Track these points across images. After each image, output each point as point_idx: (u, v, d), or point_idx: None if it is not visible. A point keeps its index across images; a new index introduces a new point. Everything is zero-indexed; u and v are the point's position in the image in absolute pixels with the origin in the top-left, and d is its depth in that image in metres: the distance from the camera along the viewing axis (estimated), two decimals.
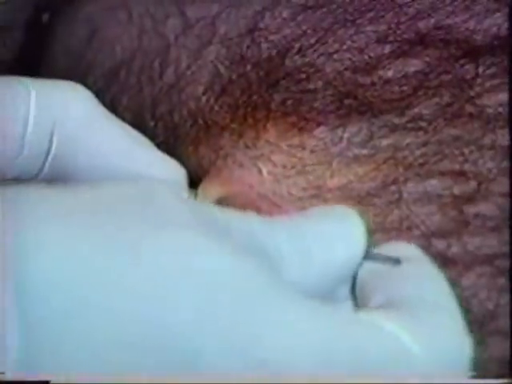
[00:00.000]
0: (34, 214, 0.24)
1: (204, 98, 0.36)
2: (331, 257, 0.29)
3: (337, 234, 0.30)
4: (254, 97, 0.35)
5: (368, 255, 0.30)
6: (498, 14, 0.33)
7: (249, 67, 0.35)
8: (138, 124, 0.36)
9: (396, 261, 0.30)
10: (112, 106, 0.37)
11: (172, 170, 0.33)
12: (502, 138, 0.32)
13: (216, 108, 0.35)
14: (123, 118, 0.36)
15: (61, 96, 0.32)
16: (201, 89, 0.36)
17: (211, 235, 0.26)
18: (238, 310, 0.25)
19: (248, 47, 0.35)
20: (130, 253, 0.24)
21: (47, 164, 0.32)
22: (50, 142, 0.31)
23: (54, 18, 0.41)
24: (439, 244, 0.31)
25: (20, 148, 0.31)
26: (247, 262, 0.26)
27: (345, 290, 0.30)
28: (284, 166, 0.33)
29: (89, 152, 0.32)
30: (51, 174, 0.32)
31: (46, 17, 0.41)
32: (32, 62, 0.41)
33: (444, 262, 0.31)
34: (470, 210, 0.31)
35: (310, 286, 0.28)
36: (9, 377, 0.23)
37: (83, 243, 0.24)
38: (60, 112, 0.31)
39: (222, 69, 0.36)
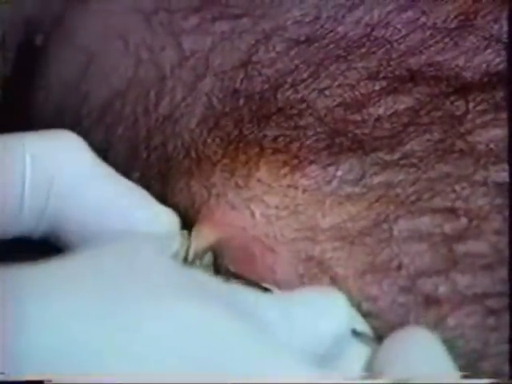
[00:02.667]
0: (34, 291, 0.25)
1: (197, 131, 0.36)
2: (314, 330, 0.29)
3: (321, 310, 0.30)
4: (246, 131, 0.35)
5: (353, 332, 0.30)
6: (488, 51, 0.33)
7: (241, 101, 0.35)
8: (132, 154, 0.36)
9: (374, 339, 0.30)
10: (106, 136, 0.37)
11: (165, 223, 0.34)
12: (494, 174, 0.32)
13: (209, 141, 0.35)
14: (117, 149, 0.37)
15: (55, 153, 0.33)
16: (194, 121, 0.36)
17: (203, 299, 0.27)
18: (230, 365, 0.25)
19: (241, 81, 0.35)
20: (130, 326, 0.25)
21: (44, 221, 0.33)
22: (47, 199, 0.32)
23: (48, 41, 0.41)
24: (428, 283, 0.31)
25: (20, 209, 0.32)
26: (241, 326, 0.26)
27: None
28: (277, 207, 0.33)
29: (83, 207, 0.33)
30: (48, 229, 0.33)
31: (39, 38, 0.41)
32: (24, 85, 0.41)
33: (432, 301, 0.31)
34: (460, 248, 0.31)
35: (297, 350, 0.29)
36: (9, 377, 0.23)
37: (82, 319, 0.25)
38: (55, 170, 0.32)
39: (215, 101, 0.36)
